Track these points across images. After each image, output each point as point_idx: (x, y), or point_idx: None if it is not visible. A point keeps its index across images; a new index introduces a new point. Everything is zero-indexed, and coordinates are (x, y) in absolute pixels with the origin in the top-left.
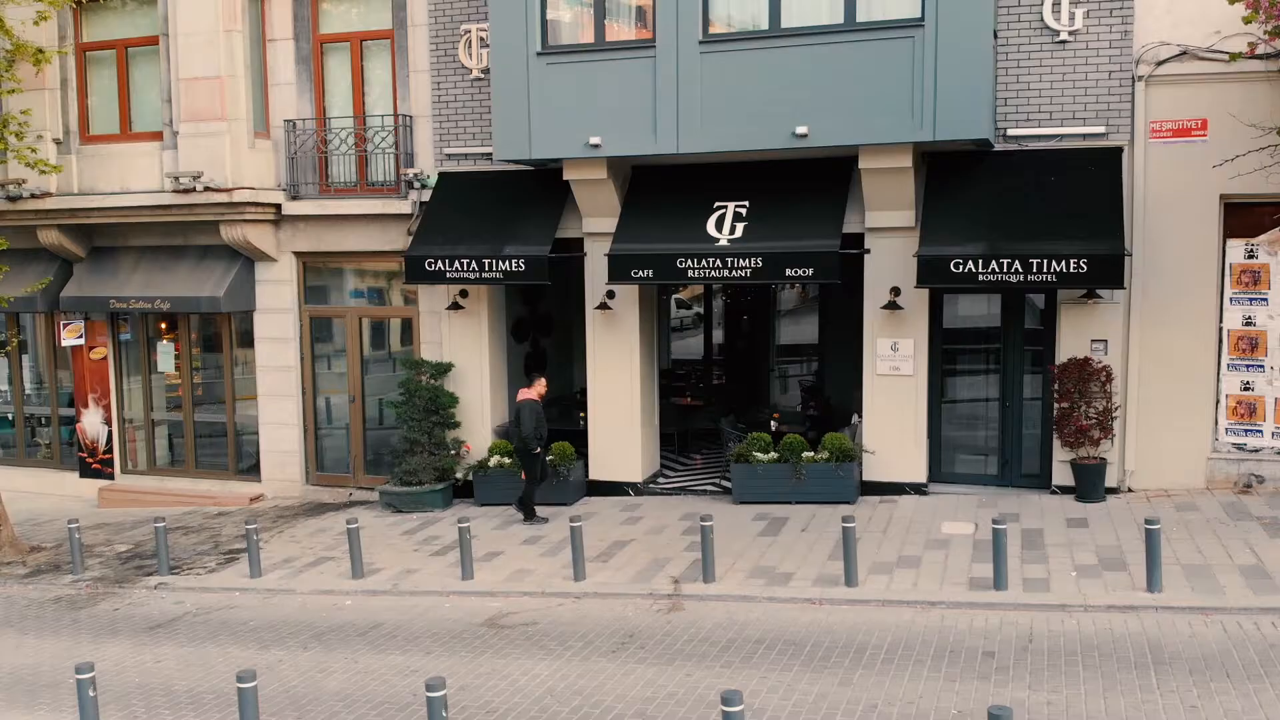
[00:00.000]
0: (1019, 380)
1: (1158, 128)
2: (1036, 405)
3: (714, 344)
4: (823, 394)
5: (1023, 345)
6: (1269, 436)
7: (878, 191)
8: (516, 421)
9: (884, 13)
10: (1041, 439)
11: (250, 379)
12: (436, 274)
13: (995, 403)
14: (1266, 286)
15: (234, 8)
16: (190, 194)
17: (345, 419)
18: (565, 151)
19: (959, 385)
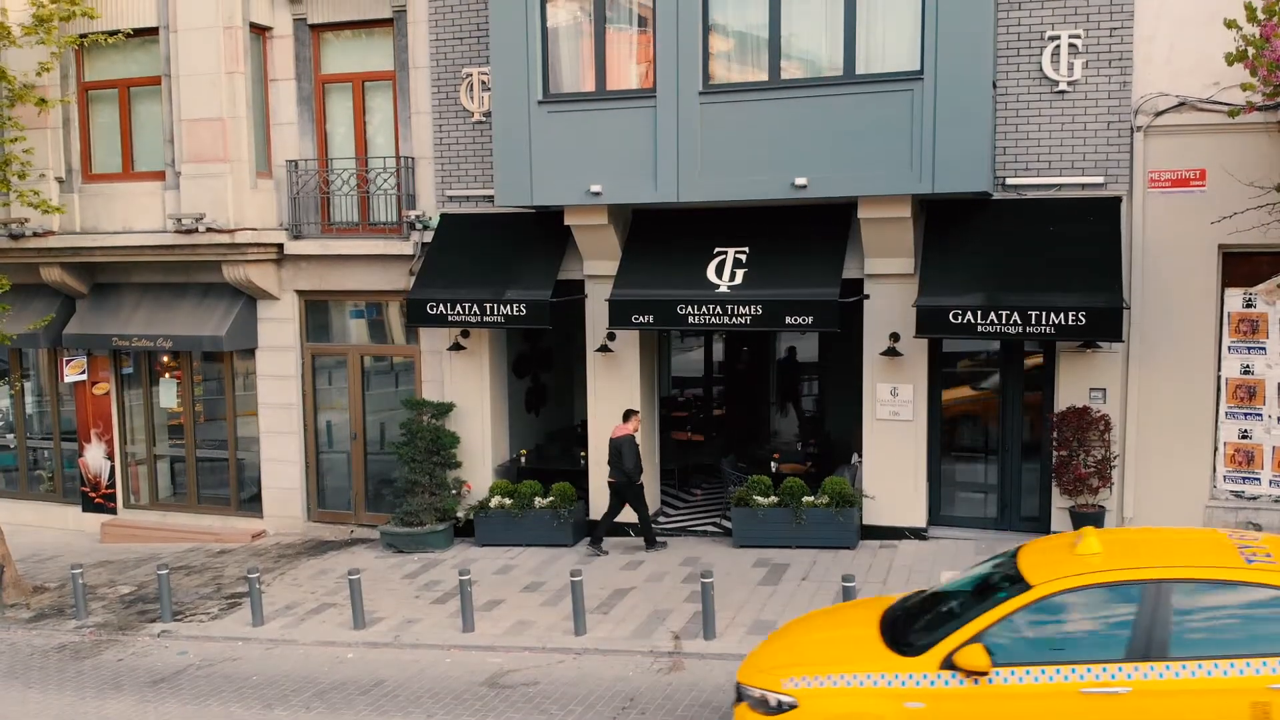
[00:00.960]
0: (1018, 425)
1: (1156, 178)
2: (1035, 450)
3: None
4: (823, 427)
5: (1022, 391)
6: (1267, 484)
7: (877, 239)
8: (618, 458)
9: (883, 65)
10: (1040, 484)
11: (252, 415)
12: (438, 317)
13: (995, 447)
14: (1264, 335)
15: (236, 49)
16: (193, 234)
17: (346, 456)
18: (566, 199)
19: (959, 429)
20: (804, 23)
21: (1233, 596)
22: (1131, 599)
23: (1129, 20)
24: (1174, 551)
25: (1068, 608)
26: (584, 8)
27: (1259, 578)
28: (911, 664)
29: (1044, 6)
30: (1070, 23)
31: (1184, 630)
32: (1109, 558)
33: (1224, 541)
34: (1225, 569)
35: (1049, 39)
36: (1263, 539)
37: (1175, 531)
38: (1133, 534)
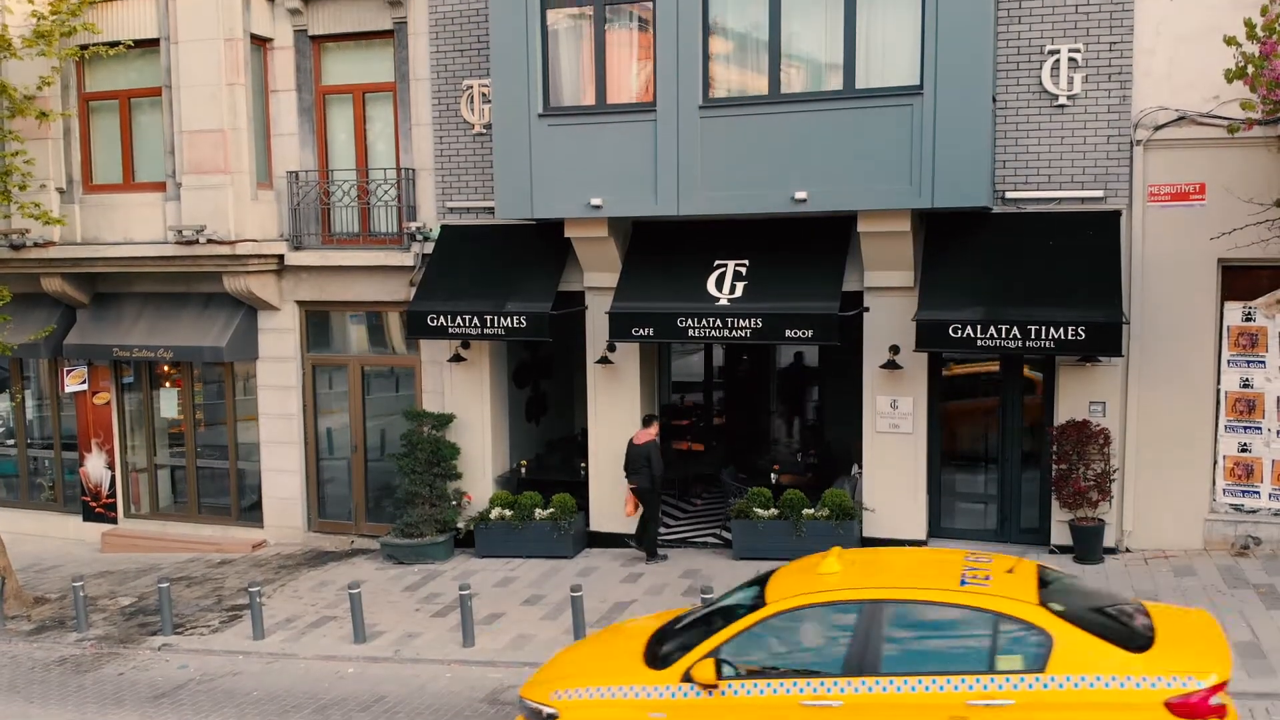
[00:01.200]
0: (1018, 437)
1: (1156, 191)
2: (1035, 461)
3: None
4: (823, 437)
5: (1022, 403)
6: (1266, 498)
7: (877, 253)
8: (645, 464)
9: (883, 80)
10: (1040, 496)
11: (253, 424)
12: (439, 329)
13: (995, 458)
14: (1264, 349)
15: (237, 61)
16: (193, 245)
17: (347, 464)
18: (567, 212)
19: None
20: (804, 37)
21: (939, 616)
22: (851, 617)
23: (1128, 35)
24: (899, 573)
25: (795, 625)
26: (584, 21)
27: (962, 599)
28: (658, 677)
29: (1044, 21)
30: (1070, 37)
31: (894, 648)
32: (844, 578)
33: (955, 563)
34: (936, 590)
35: (1049, 53)
36: (995, 561)
37: (917, 552)
38: (876, 555)
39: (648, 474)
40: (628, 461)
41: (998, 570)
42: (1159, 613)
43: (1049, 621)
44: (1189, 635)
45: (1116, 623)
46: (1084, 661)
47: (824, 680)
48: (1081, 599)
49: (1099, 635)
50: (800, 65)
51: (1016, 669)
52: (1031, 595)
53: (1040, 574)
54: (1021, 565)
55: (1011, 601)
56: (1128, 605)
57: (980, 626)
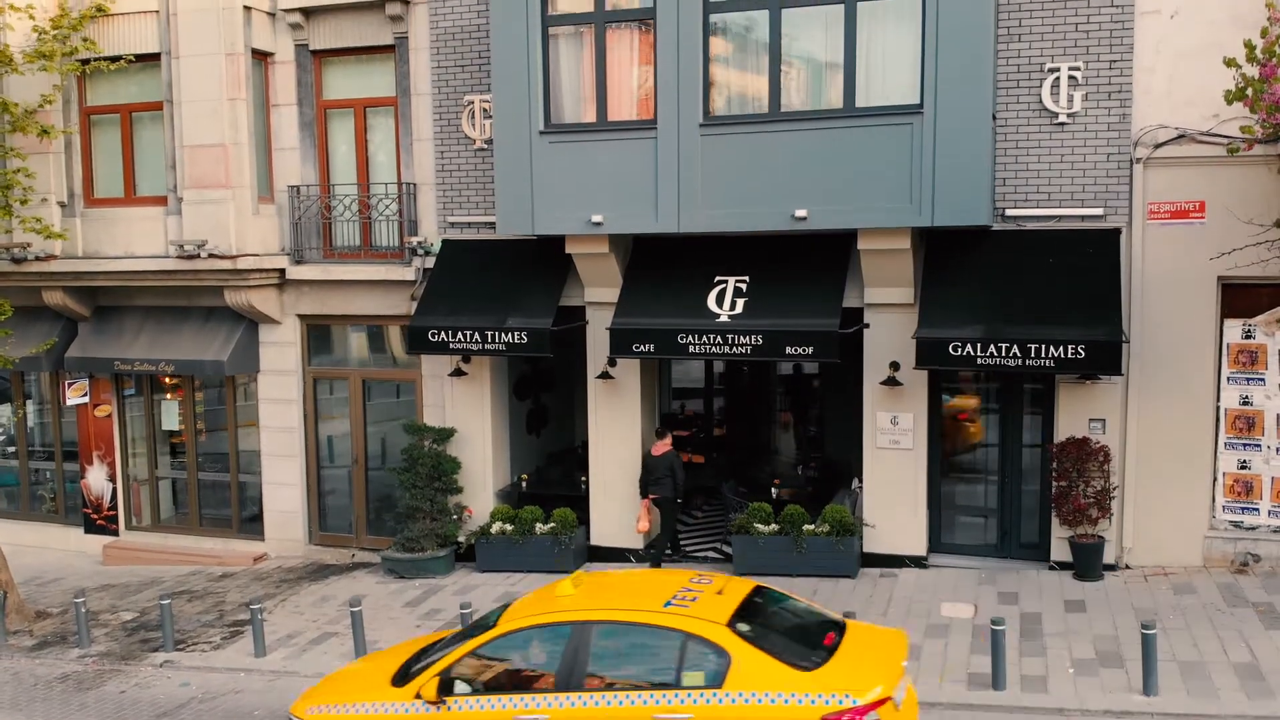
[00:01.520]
0: (1018, 453)
1: (1155, 209)
2: (1035, 477)
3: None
4: (823, 448)
5: (1022, 419)
6: (1265, 515)
7: (877, 270)
8: (668, 474)
9: (883, 98)
10: (1040, 511)
11: (254, 436)
12: (439, 344)
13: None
14: (1263, 366)
15: (238, 76)
16: (195, 260)
17: (348, 474)
18: (568, 228)
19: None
20: (804, 55)
21: (638, 635)
22: (563, 637)
23: (1128, 53)
24: (618, 594)
25: (517, 645)
26: (585, 38)
27: (658, 620)
28: (398, 694)
29: (1044, 39)
30: (1070, 55)
31: (599, 664)
32: (573, 600)
33: (674, 584)
34: (637, 612)
35: (1049, 71)
36: (715, 583)
37: (649, 574)
38: (610, 577)
39: (670, 484)
40: (646, 473)
41: (710, 591)
42: (855, 631)
43: (730, 642)
44: (869, 654)
45: (801, 643)
46: (756, 679)
47: (537, 696)
48: (784, 619)
49: (775, 655)
50: (800, 83)
51: (698, 685)
52: (723, 616)
53: (752, 595)
54: (734, 587)
55: (700, 622)
56: (831, 623)
57: (672, 645)
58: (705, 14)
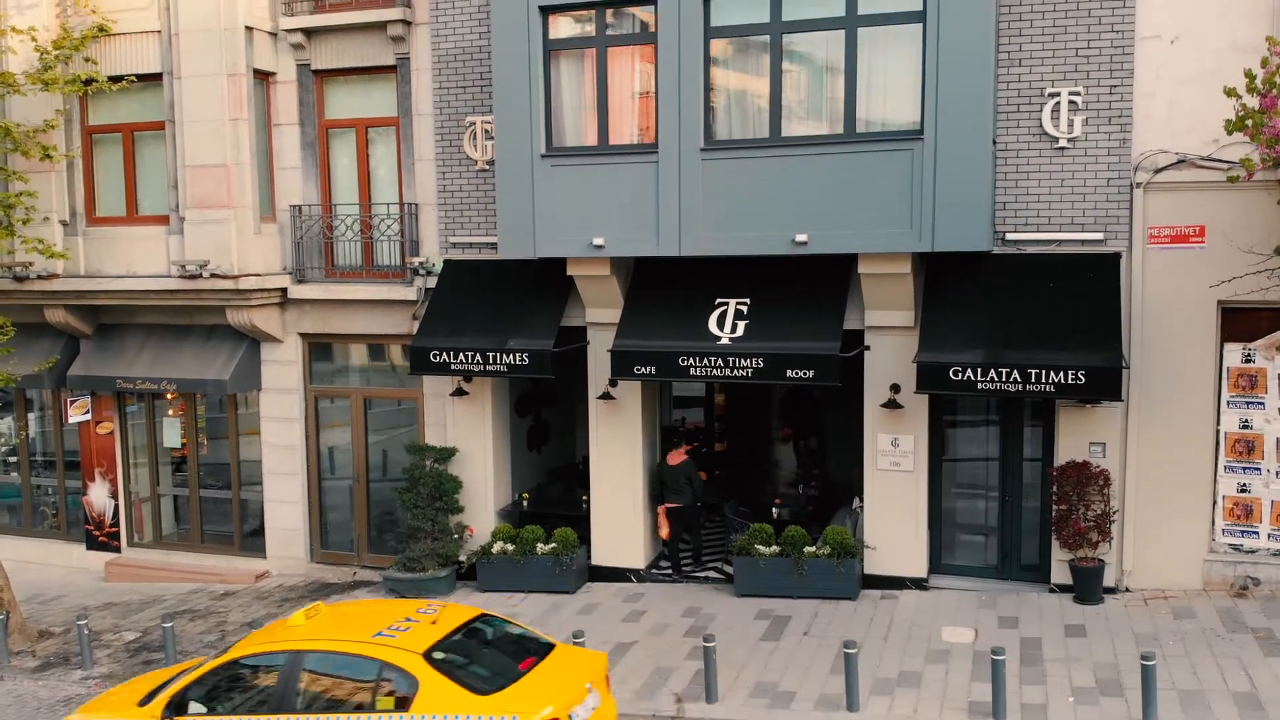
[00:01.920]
0: (1018, 475)
1: (1156, 234)
2: (1035, 498)
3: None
4: (823, 465)
5: (1023, 442)
6: (1265, 538)
7: (877, 293)
8: (686, 483)
9: (884, 124)
10: (1040, 532)
11: (255, 450)
12: (441, 365)
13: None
14: (1263, 390)
15: (240, 96)
16: (197, 280)
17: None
18: (569, 251)
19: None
20: (805, 80)
21: (344, 663)
22: (280, 664)
23: (1129, 78)
24: (341, 624)
25: (240, 672)
26: (586, 62)
27: (359, 649)
28: (139, 714)
29: (1044, 64)
30: (1070, 80)
31: (307, 690)
32: (302, 630)
33: (396, 614)
34: (344, 642)
35: (1049, 95)
36: (441, 611)
37: (379, 604)
38: (346, 608)
39: (690, 492)
40: (664, 483)
41: (426, 621)
42: (557, 655)
43: (421, 669)
44: (555, 677)
45: (493, 669)
46: (438, 704)
47: (255, 718)
48: (491, 646)
49: (460, 681)
50: (801, 108)
51: (388, 709)
52: (422, 646)
53: (471, 623)
54: (453, 616)
55: (397, 651)
56: (537, 648)
57: (371, 672)
58: (706, 38)
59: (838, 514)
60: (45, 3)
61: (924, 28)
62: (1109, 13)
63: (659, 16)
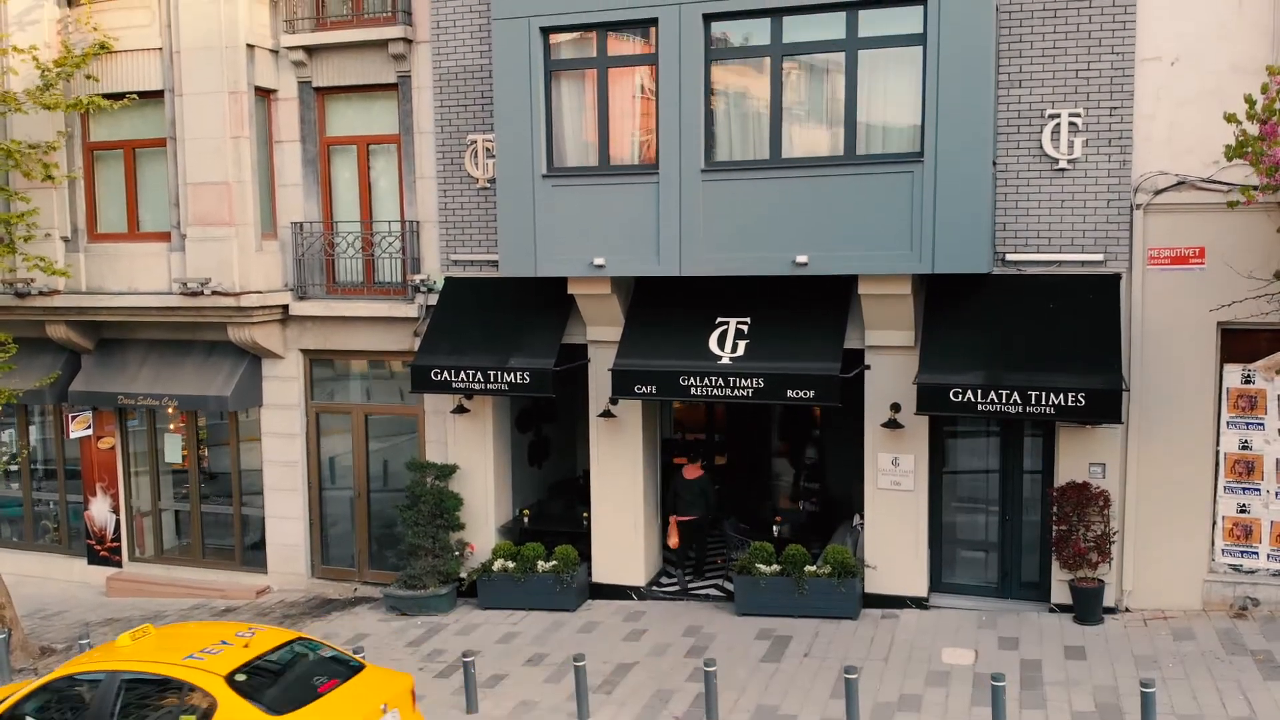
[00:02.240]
0: (1019, 495)
1: (1156, 255)
2: (1036, 515)
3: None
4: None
5: (1023, 461)
6: (1264, 559)
7: (877, 313)
8: (701, 496)
9: (884, 146)
10: (1041, 551)
11: (256, 469)
12: (442, 384)
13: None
14: (1263, 411)
15: (241, 114)
16: (198, 297)
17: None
18: (570, 271)
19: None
20: (805, 103)
21: (152, 685)
22: (97, 684)
23: (1129, 100)
24: (161, 647)
25: (62, 692)
26: (587, 83)
27: (165, 670)
28: None
29: (1044, 85)
30: (1071, 101)
31: (121, 709)
32: (126, 651)
33: (214, 635)
34: (154, 664)
35: (1049, 117)
36: (255, 635)
37: (204, 626)
38: (172, 630)
39: (704, 505)
40: (679, 494)
41: (239, 644)
42: (361, 677)
43: (220, 690)
44: (352, 699)
45: (294, 691)
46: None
47: None
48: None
49: (257, 702)
50: (802, 130)
51: None
52: (226, 668)
53: (284, 646)
54: (267, 639)
55: (201, 673)
56: (344, 670)
57: (178, 693)
58: (707, 60)
59: (838, 531)
60: (46, 19)
61: (924, 50)
62: (1109, 34)
63: (659, 38)
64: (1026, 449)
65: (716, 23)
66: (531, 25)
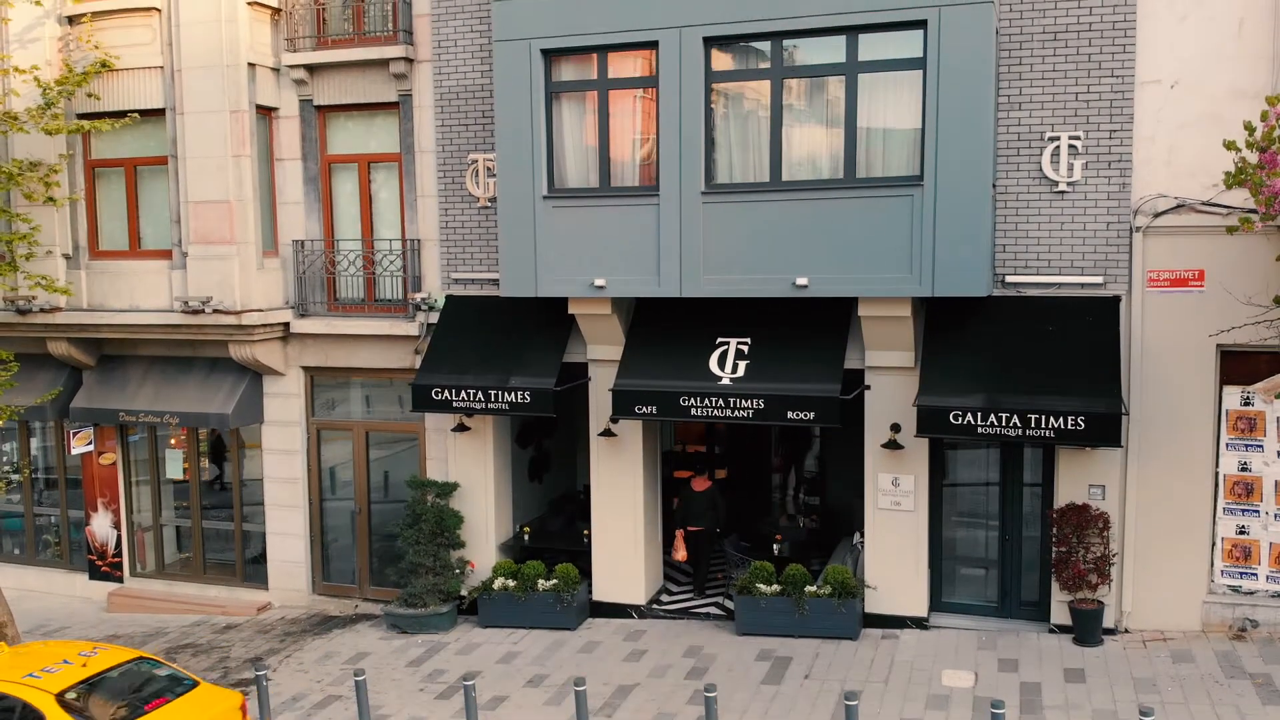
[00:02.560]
0: (1019, 514)
1: (1155, 277)
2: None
3: None
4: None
5: (1023, 481)
6: (1263, 580)
7: (877, 334)
8: (710, 507)
9: (883, 170)
10: (1041, 570)
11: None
12: (443, 403)
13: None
14: (1261, 433)
15: (242, 133)
16: (200, 315)
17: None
18: (570, 291)
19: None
20: (805, 125)
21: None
22: None
23: (1128, 123)
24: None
25: None
26: (588, 105)
27: (5, 689)
28: None
29: (1044, 107)
30: (1070, 124)
31: None
32: None
33: (56, 657)
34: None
35: (1049, 139)
36: (97, 654)
37: (48, 646)
38: (23, 649)
39: (712, 518)
40: (688, 507)
41: (79, 663)
42: (192, 695)
43: (49, 707)
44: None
45: (120, 708)
46: None
47: None
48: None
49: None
50: (802, 152)
51: None
52: (59, 686)
53: (122, 664)
54: (108, 658)
55: (33, 690)
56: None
57: (14, 710)
58: (707, 83)
59: (838, 548)
60: (47, 37)
61: (924, 74)
62: (1109, 57)
63: (660, 60)
64: (1026, 463)
65: (717, 46)
66: (533, 48)
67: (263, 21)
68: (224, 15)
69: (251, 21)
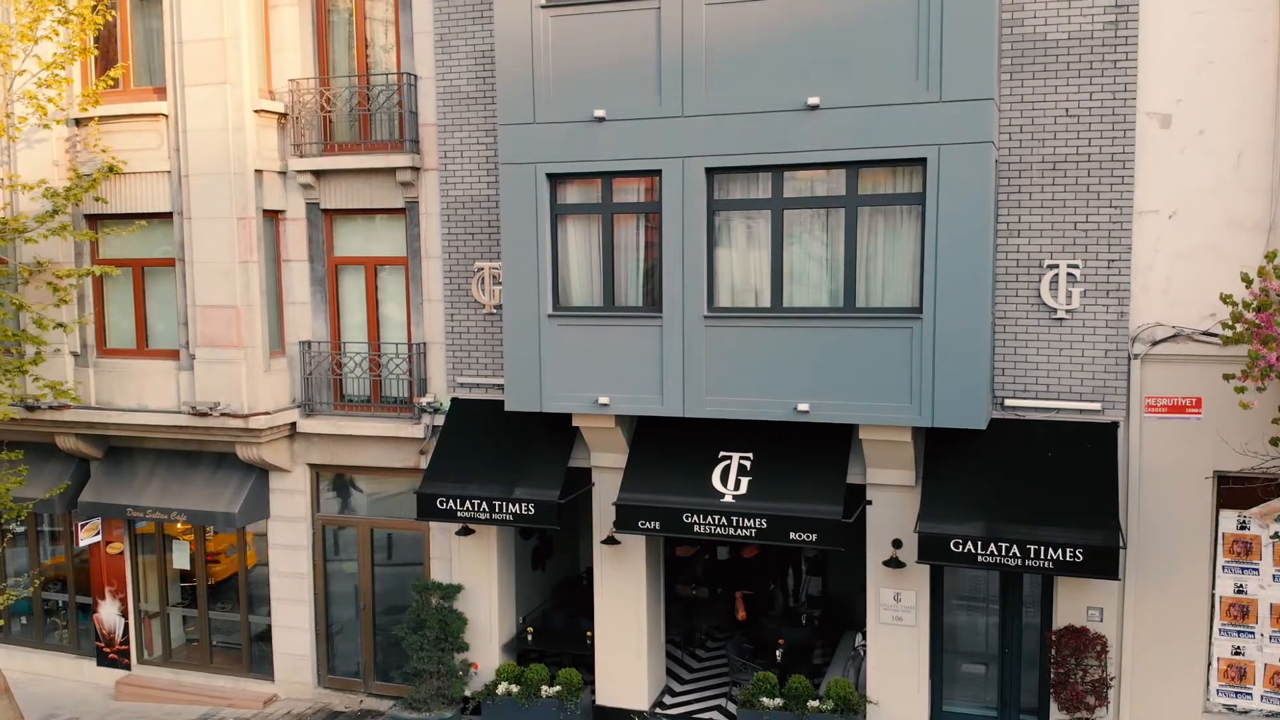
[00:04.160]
0: (1018, 632)
1: (1153, 404)
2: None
3: None
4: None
5: (1022, 600)
6: (1258, 700)
7: (879, 455)
8: (762, 572)
9: (882, 300)
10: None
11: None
12: (447, 512)
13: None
14: (1258, 557)
15: (250, 239)
16: (207, 418)
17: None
18: (575, 408)
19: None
20: (806, 254)
21: None
22: None
23: (1127, 252)
24: None
25: None
26: (593, 227)
27: None
28: None
29: (1043, 235)
30: (1069, 252)
31: None
32: None
33: None
34: None
35: (1048, 267)
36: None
37: None
38: None
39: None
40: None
41: None
42: None
43: None
44: None
45: None
46: None
47: None
48: None
49: None
50: (802, 281)
51: None
52: None
53: None
54: None
55: None
56: None
57: None
58: (710, 210)
59: (839, 650)
60: (54, 138)
61: (923, 210)
62: (1107, 188)
63: (663, 187)
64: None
65: (719, 175)
66: (538, 171)
67: (269, 127)
68: (231, 123)
69: (258, 128)
